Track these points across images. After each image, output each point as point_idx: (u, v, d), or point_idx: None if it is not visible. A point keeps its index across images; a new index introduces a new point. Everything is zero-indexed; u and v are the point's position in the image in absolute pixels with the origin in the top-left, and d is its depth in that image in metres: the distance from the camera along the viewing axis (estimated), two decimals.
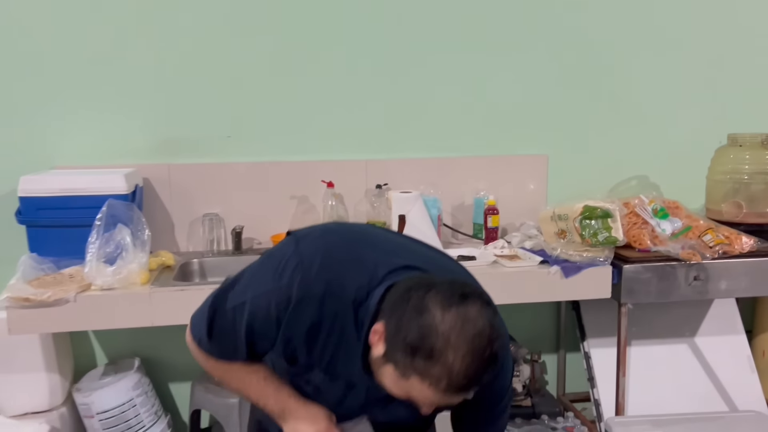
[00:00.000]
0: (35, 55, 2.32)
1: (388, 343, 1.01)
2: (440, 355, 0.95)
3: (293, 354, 1.14)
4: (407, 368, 0.98)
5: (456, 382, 0.96)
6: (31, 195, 2.10)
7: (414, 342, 0.96)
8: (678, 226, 2.30)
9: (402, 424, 1.27)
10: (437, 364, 0.95)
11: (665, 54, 2.71)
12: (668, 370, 2.57)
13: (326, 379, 1.16)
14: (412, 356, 0.97)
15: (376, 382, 1.09)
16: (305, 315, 1.09)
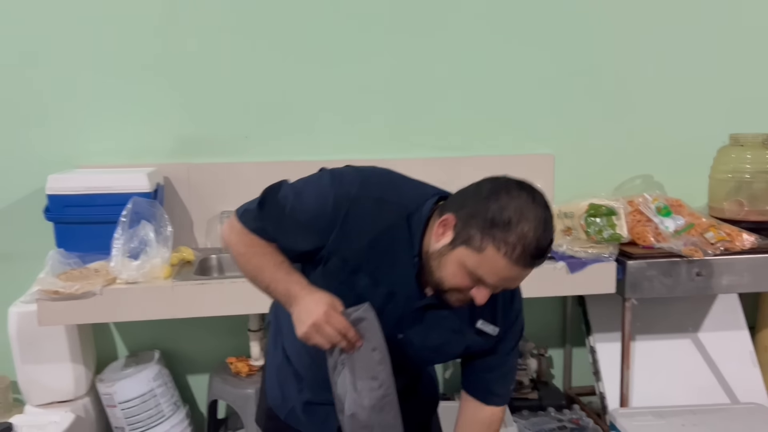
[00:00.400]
0: (62, 61, 2.41)
1: (459, 227, 1.11)
2: (516, 225, 1.06)
3: (343, 254, 1.19)
4: (484, 239, 1.07)
5: (528, 250, 1.06)
6: (59, 193, 2.18)
7: (492, 215, 1.07)
8: (681, 224, 2.36)
9: (429, 351, 1.29)
10: (513, 232, 1.06)
11: (669, 54, 2.76)
12: (672, 365, 2.63)
13: (370, 284, 1.20)
14: (490, 228, 1.07)
15: (418, 293, 1.21)
16: (362, 213, 1.17)
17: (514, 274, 1.10)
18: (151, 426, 2.33)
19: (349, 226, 1.17)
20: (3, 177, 2.41)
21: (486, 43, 2.65)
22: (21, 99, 2.41)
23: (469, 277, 1.12)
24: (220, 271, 2.44)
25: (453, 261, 1.12)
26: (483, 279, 1.11)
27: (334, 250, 1.19)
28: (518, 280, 1.14)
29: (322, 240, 1.19)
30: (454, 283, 1.14)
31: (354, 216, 1.17)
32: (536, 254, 1.08)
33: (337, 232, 1.18)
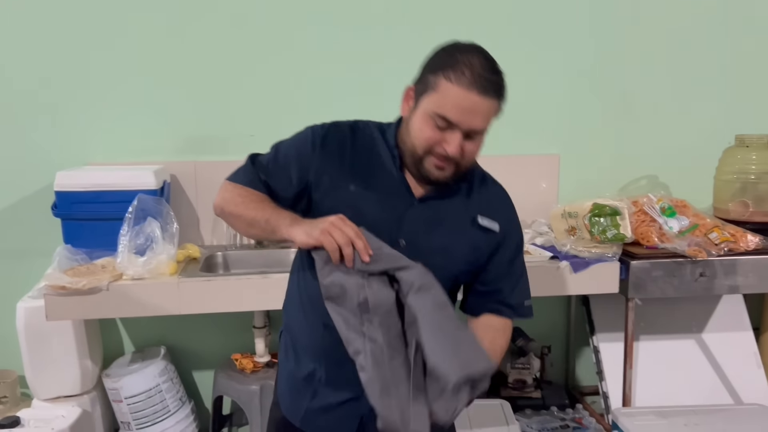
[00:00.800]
0: (71, 59, 2.43)
1: (417, 87, 1.26)
2: (462, 57, 1.20)
3: (330, 175, 1.29)
4: (436, 77, 1.20)
5: (476, 72, 1.19)
6: (66, 190, 2.20)
7: (441, 60, 1.22)
8: (685, 224, 2.36)
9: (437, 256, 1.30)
10: (460, 63, 1.19)
11: (675, 55, 2.77)
12: (676, 365, 2.62)
13: (364, 193, 1.29)
14: (440, 67, 1.20)
15: (408, 191, 1.30)
16: (338, 138, 1.32)
17: (471, 102, 1.19)
18: (156, 421, 2.36)
19: (328, 150, 1.31)
20: (13, 174, 2.44)
21: (491, 42, 2.64)
22: (31, 97, 2.43)
23: (433, 123, 1.21)
24: (226, 268, 2.46)
25: (418, 116, 1.24)
26: (445, 117, 1.20)
27: (321, 173, 1.30)
28: (480, 114, 1.21)
29: (307, 169, 1.30)
30: (423, 139, 1.23)
31: (331, 141, 1.32)
32: (486, 78, 1.19)
33: (318, 157, 1.30)
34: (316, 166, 1.30)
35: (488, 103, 1.21)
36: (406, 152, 1.30)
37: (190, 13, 2.47)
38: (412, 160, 1.28)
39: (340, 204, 1.27)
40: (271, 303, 2.13)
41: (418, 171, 1.29)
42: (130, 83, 2.47)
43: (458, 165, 1.26)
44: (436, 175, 1.27)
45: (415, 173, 1.30)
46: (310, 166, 1.30)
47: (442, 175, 1.27)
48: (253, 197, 1.30)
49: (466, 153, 1.25)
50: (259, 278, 2.10)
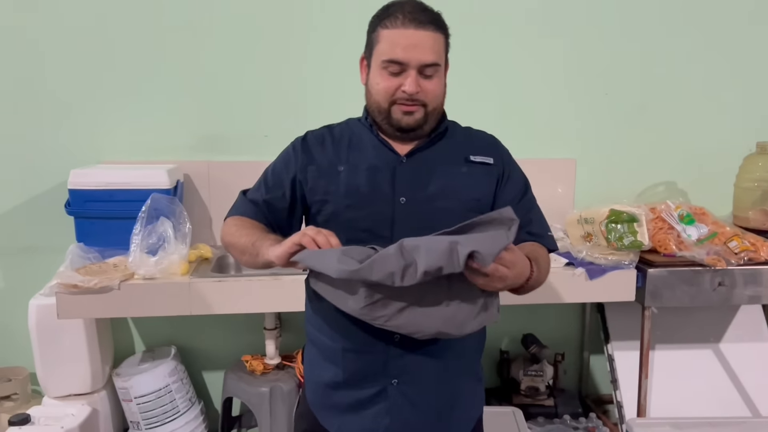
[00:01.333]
0: (85, 59, 2.44)
1: (365, 53, 1.34)
2: (393, 6, 1.29)
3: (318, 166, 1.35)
4: (376, 33, 1.29)
5: (408, 13, 1.25)
6: (80, 188, 2.21)
7: (376, 18, 1.31)
8: (704, 232, 2.32)
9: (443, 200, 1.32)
10: (391, 10, 1.28)
11: (695, 59, 2.73)
12: (692, 375, 2.58)
13: (353, 168, 1.34)
14: (377, 23, 1.29)
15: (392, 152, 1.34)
16: (316, 133, 1.41)
17: (411, 37, 1.24)
18: (165, 421, 2.35)
19: (308, 147, 1.38)
20: (27, 171, 2.45)
21: (508, 47, 2.63)
22: (46, 95, 2.44)
23: (387, 73, 1.27)
24: (238, 269, 2.45)
25: (372, 74, 1.30)
26: (392, 59, 1.25)
27: (306, 167, 1.36)
28: (422, 46, 1.25)
29: (294, 170, 1.36)
30: (382, 89, 1.28)
31: (310, 140, 1.40)
32: (419, 13, 1.25)
33: (300, 157, 1.37)
34: (301, 164, 1.37)
35: (427, 34, 1.26)
36: (375, 115, 1.34)
37: (205, 12, 2.47)
38: (381, 117, 1.32)
39: (332, 184, 1.33)
40: (282, 305, 2.13)
41: (390, 125, 1.32)
42: (145, 82, 2.48)
43: (425, 106, 1.30)
44: (407, 121, 1.30)
45: (389, 130, 1.34)
46: (296, 168, 1.37)
47: (413, 120, 1.30)
48: (245, 225, 1.35)
49: (428, 91, 1.29)
50: (270, 280, 2.09)
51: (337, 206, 1.32)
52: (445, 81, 1.36)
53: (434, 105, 1.32)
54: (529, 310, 2.70)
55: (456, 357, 1.36)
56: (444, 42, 1.32)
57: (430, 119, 1.33)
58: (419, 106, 1.29)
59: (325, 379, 1.39)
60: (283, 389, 2.35)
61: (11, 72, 2.41)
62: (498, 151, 1.43)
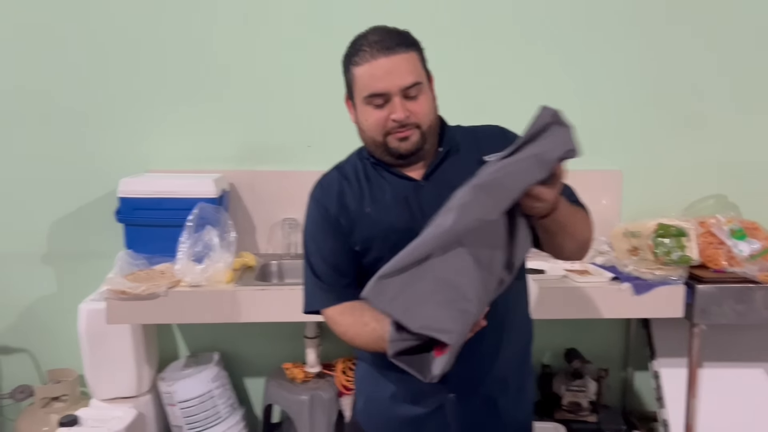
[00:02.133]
0: (135, 70, 2.50)
1: (348, 94, 1.33)
2: (358, 40, 1.28)
3: (344, 214, 1.33)
4: (349, 72, 1.28)
5: (374, 42, 1.24)
6: (129, 196, 2.27)
7: (346, 57, 1.30)
8: (756, 248, 2.25)
9: None
10: (357, 45, 1.27)
11: (745, 67, 2.65)
12: (743, 396, 2.50)
13: (378, 207, 1.32)
14: (348, 62, 1.29)
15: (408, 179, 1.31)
16: (329, 182, 1.37)
17: (383, 66, 1.22)
18: (208, 426, 2.38)
19: (329, 201, 1.34)
20: (78, 180, 2.53)
21: (554, 57, 2.61)
22: (96, 106, 2.51)
23: (372, 107, 1.25)
24: (280, 277, 2.48)
25: (359, 112, 1.29)
26: (373, 92, 1.24)
27: (339, 219, 1.33)
28: (397, 71, 1.23)
29: (335, 229, 1.33)
30: (373, 123, 1.26)
31: (327, 192, 1.36)
32: (384, 40, 1.24)
33: (332, 213, 1.33)
34: (334, 219, 1.34)
35: (399, 57, 1.24)
36: (374, 150, 1.32)
37: (252, 23, 2.51)
38: (380, 151, 1.30)
39: (366, 228, 1.31)
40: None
41: (390, 155, 1.30)
42: (191, 93, 2.53)
43: (419, 127, 1.27)
44: (405, 147, 1.28)
45: (392, 161, 1.32)
46: (334, 226, 1.34)
47: (410, 144, 1.28)
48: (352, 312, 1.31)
49: (417, 112, 1.26)
50: None
51: (380, 251, 1.29)
52: (432, 94, 1.33)
53: (427, 123, 1.29)
54: (572, 324, 2.66)
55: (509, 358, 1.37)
56: (418, 57, 1.29)
57: (428, 138, 1.30)
58: (413, 129, 1.27)
59: (379, 395, 1.39)
60: (322, 397, 2.36)
61: (62, 85, 2.49)
62: (506, 138, 1.38)
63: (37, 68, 2.47)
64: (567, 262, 1.43)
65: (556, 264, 2.37)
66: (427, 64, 1.33)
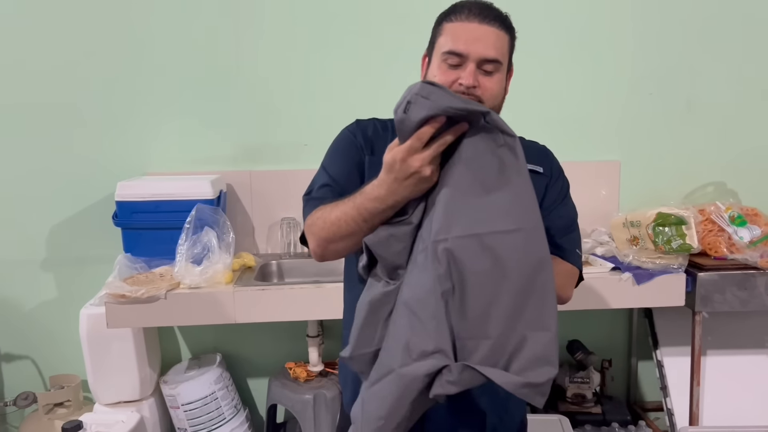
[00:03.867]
0: (131, 73, 2.49)
1: (428, 50, 1.29)
2: (459, 3, 1.26)
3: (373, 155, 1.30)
4: (440, 27, 1.25)
5: (474, 7, 1.23)
6: (127, 199, 2.26)
7: (441, 15, 1.27)
8: (757, 234, 2.25)
9: None
10: (458, 6, 1.25)
11: (741, 53, 2.65)
12: (747, 382, 2.50)
13: None
14: (442, 18, 1.26)
15: None
16: (369, 122, 1.38)
17: (473, 30, 1.21)
18: (212, 428, 2.38)
19: (365, 134, 1.34)
20: (75, 184, 2.52)
21: (552, 48, 2.60)
22: (92, 110, 2.50)
23: (446, 65, 1.22)
24: (280, 277, 2.48)
25: (432, 68, 1.25)
26: (452, 50, 1.21)
27: (366, 159, 1.31)
28: (485, 40, 1.21)
29: (357, 152, 1.32)
30: (440, 82, 1.19)
31: (365, 128, 1.36)
32: (484, 9, 1.23)
33: (361, 141, 1.33)
34: (359, 148, 1.33)
35: (491, 29, 1.22)
36: None
37: (245, 25, 2.50)
38: None
39: None
40: (324, 312, 2.13)
41: None
42: (187, 95, 2.52)
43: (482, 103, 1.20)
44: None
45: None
46: (358, 148, 1.33)
47: None
48: (326, 209, 1.23)
49: (487, 88, 1.22)
50: (312, 287, 2.10)
51: None
52: (506, 85, 1.29)
53: (492, 105, 1.23)
54: (574, 316, 2.65)
55: None
56: (508, 42, 1.26)
57: None
58: None
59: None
60: (326, 396, 2.35)
61: (59, 89, 2.48)
62: (549, 160, 1.38)
63: (33, 73, 2.47)
64: None
65: None
66: (513, 55, 1.30)
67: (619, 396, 2.77)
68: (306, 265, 2.48)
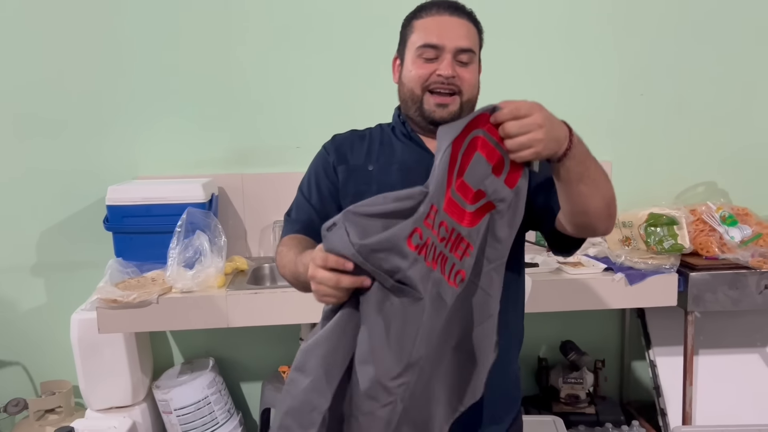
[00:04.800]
0: (121, 78, 2.49)
1: (399, 50, 1.33)
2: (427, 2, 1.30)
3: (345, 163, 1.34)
4: (410, 25, 1.29)
5: (442, 2, 1.28)
6: (117, 204, 2.25)
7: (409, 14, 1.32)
8: (748, 234, 2.28)
9: None
10: (424, 4, 1.30)
11: (733, 55, 2.67)
12: (740, 381, 2.52)
13: (384, 168, 1.31)
14: (411, 17, 1.31)
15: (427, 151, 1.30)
16: (347, 135, 1.39)
17: (445, 22, 1.25)
18: None
19: (339, 147, 1.36)
20: (66, 189, 2.51)
21: (543, 49, 2.62)
22: (81, 114, 2.50)
23: (421, 59, 1.25)
24: (273, 281, 2.47)
25: (407, 64, 1.28)
26: (427, 43, 1.24)
27: (338, 166, 1.33)
28: (457, 31, 1.25)
29: (330, 172, 1.34)
30: (417, 76, 1.25)
31: (340, 141, 1.38)
32: (448, 3, 1.28)
33: (333, 157, 1.35)
34: (333, 164, 1.34)
35: (461, 21, 1.26)
36: (409, 107, 1.30)
37: (236, 28, 2.50)
38: (414, 108, 1.28)
39: (363, 184, 1.30)
40: (318, 315, 2.11)
41: (423, 117, 1.28)
42: (177, 99, 2.52)
43: (461, 94, 1.25)
44: (440, 114, 1.25)
45: (422, 123, 1.29)
46: (330, 168, 1.34)
47: (446, 113, 1.25)
48: (293, 243, 1.28)
49: (464, 78, 1.25)
50: None
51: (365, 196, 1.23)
52: (479, 77, 1.32)
53: (469, 95, 1.27)
54: (567, 316, 2.67)
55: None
56: (478, 36, 1.30)
57: (464, 111, 1.26)
58: (454, 96, 1.25)
59: None
60: None
61: (47, 93, 2.47)
62: None
63: (23, 77, 2.46)
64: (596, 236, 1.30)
65: (549, 257, 2.37)
66: (482, 49, 1.33)
67: (612, 396, 2.78)
68: None
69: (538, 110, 1.06)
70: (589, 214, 1.18)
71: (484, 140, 1.09)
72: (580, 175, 1.13)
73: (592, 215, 1.18)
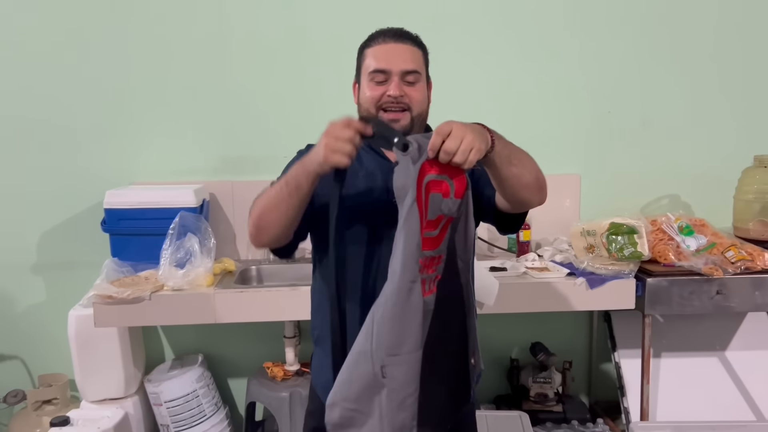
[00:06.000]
0: (119, 87, 2.63)
1: (356, 78, 1.49)
2: (376, 32, 1.47)
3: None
4: (362, 54, 1.46)
5: (388, 31, 1.44)
6: (114, 207, 2.39)
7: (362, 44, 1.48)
8: (702, 243, 2.40)
9: None
10: (374, 34, 1.47)
11: (694, 75, 2.82)
12: (699, 382, 2.64)
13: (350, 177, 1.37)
14: (363, 46, 1.47)
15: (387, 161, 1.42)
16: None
17: (390, 48, 1.42)
18: (193, 424, 2.49)
19: None
20: (66, 192, 2.64)
21: (515, 67, 2.76)
22: (82, 123, 2.63)
23: (373, 83, 1.41)
24: (259, 281, 2.60)
25: (362, 87, 1.45)
26: (379, 68, 1.40)
27: None
28: (402, 55, 1.41)
29: None
30: (370, 97, 1.41)
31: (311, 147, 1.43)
32: (396, 30, 1.44)
33: None
34: None
35: (405, 46, 1.43)
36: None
37: (229, 39, 2.64)
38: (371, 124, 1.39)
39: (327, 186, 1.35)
40: (300, 314, 2.24)
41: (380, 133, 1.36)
42: (173, 108, 2.65)
43: (410, 110, 1.41)
44: (398, 128, 1.38)
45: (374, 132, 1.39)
46: None
47: (399, 126, 1.40)
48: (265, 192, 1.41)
49: (412, 96, 1.41)
50: (289, 290, 2.23)
51: (339, 211, 1.33)
52: (428, 94, 1.47)
53: (418, 110, 1.42)
54: (537, 319, 2.80)
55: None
56: (423, 57, 1.46)
57: (415, 125, 1.42)
58: (405, 112, 1.40)
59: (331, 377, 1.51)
60: (302, 394, 2.46)
61: (50, 102, 2.61)
62: None
63: (23, 85, 2.59)
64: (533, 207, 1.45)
65: (517, 263, 2.51)
66: (428, 68, 1.48)
67: (579, 395, 2.91)
68: (284, 270, 2.61)
69: (454, 123, 1.20)
70: (523, 189, 1.36)
71: (432, 181, 1.23)
72: (509, 156, 1.30)
73: (526, 190, 1.36)
